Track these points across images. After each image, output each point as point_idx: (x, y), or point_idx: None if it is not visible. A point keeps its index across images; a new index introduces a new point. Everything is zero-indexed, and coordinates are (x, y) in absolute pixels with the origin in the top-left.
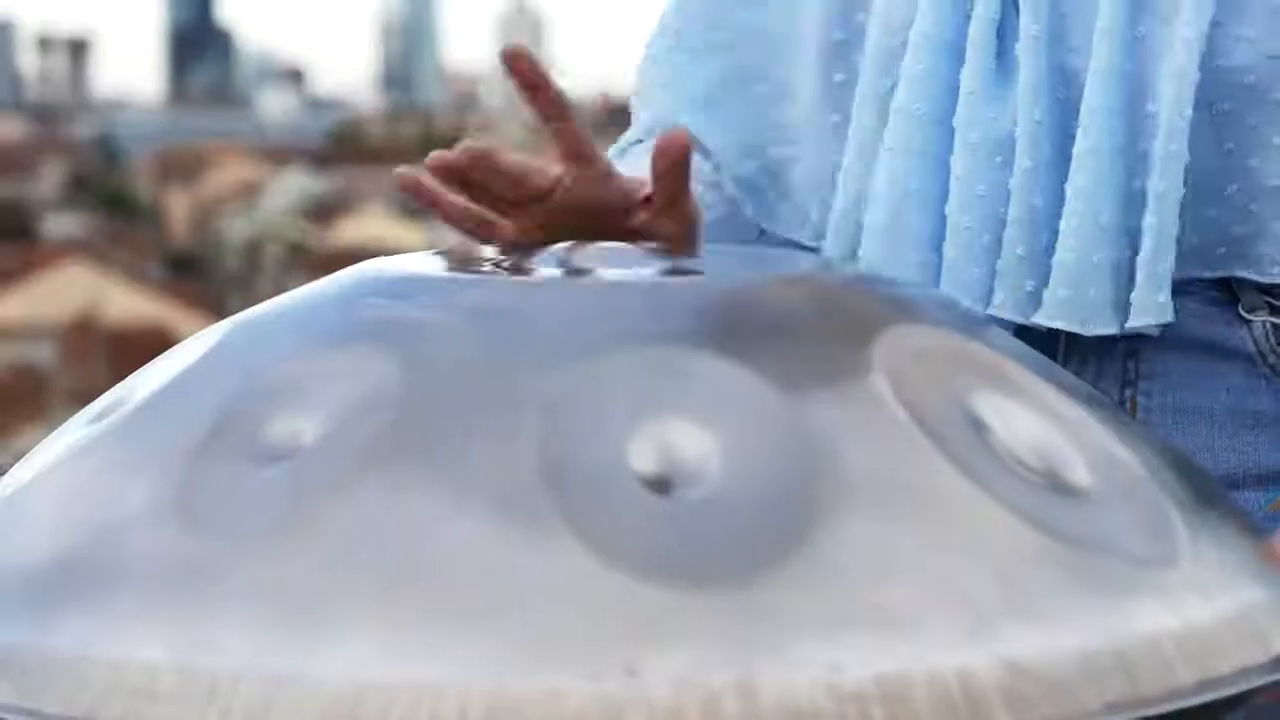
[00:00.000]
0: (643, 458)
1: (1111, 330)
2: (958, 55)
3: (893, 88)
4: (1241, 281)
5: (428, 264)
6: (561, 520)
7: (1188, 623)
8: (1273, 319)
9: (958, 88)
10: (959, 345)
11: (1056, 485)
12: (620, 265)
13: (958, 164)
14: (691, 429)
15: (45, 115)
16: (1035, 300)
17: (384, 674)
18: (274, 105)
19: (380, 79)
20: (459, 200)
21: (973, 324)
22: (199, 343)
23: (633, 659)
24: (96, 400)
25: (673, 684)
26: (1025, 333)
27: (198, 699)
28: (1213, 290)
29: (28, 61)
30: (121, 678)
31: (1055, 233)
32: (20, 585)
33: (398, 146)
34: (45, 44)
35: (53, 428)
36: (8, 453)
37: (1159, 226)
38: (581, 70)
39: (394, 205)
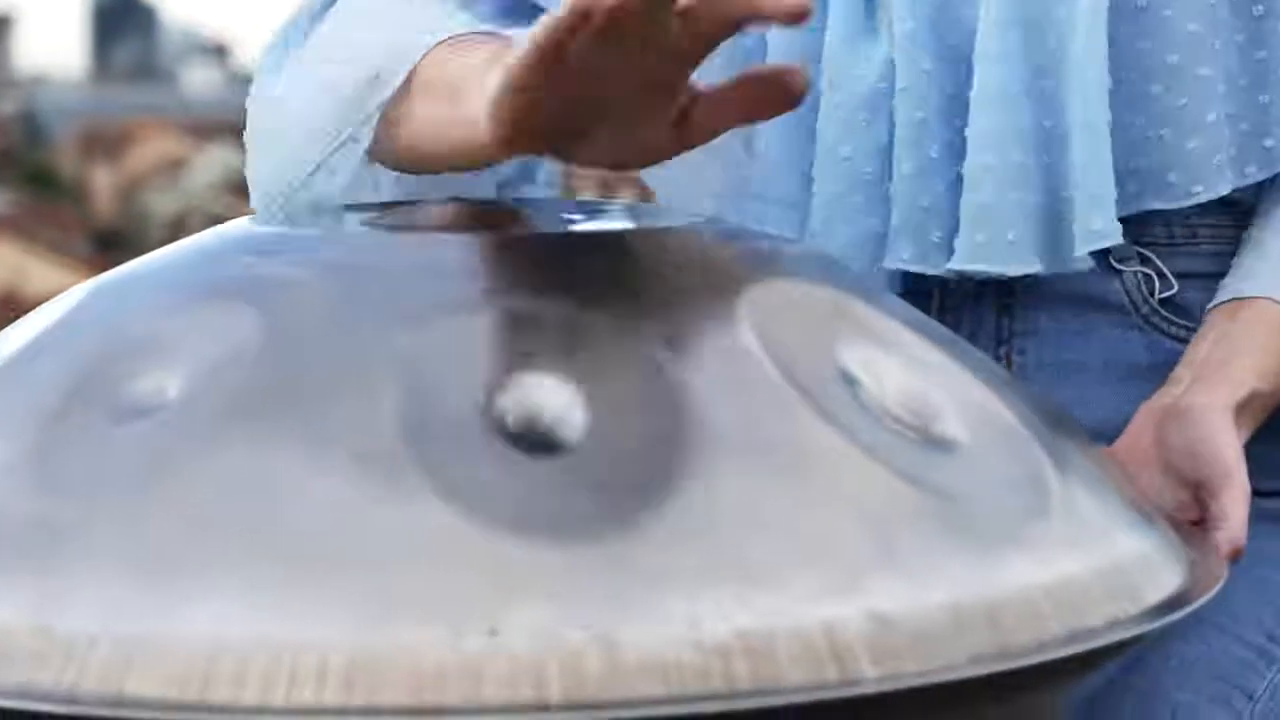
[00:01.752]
0: (505, 413)
1: (1035, 269)
2: (823, 10)
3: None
4: (1124, 222)
5: (293, 222)
6: (422, 476)
7: (1058, 575)
8: (1143, 269)
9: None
10: (829, 298)
11: (927, 438)
12: (487, 220)
13: (824, 126)
14: (554, 383)
15: None
16: (945, 249)
17: (243, 633)
18: (198, 80)
19: None
20: None
21: (843, 278)
22: (59, 304)
23: (493, 616)
24: None
25: (533, 640)
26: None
27: (54, 661)
28: None
29: None
30: None
31: (952, 180)
32: None
33: None
34: None
35: None
36: None
37: (1090, 152)
38: None
39: None
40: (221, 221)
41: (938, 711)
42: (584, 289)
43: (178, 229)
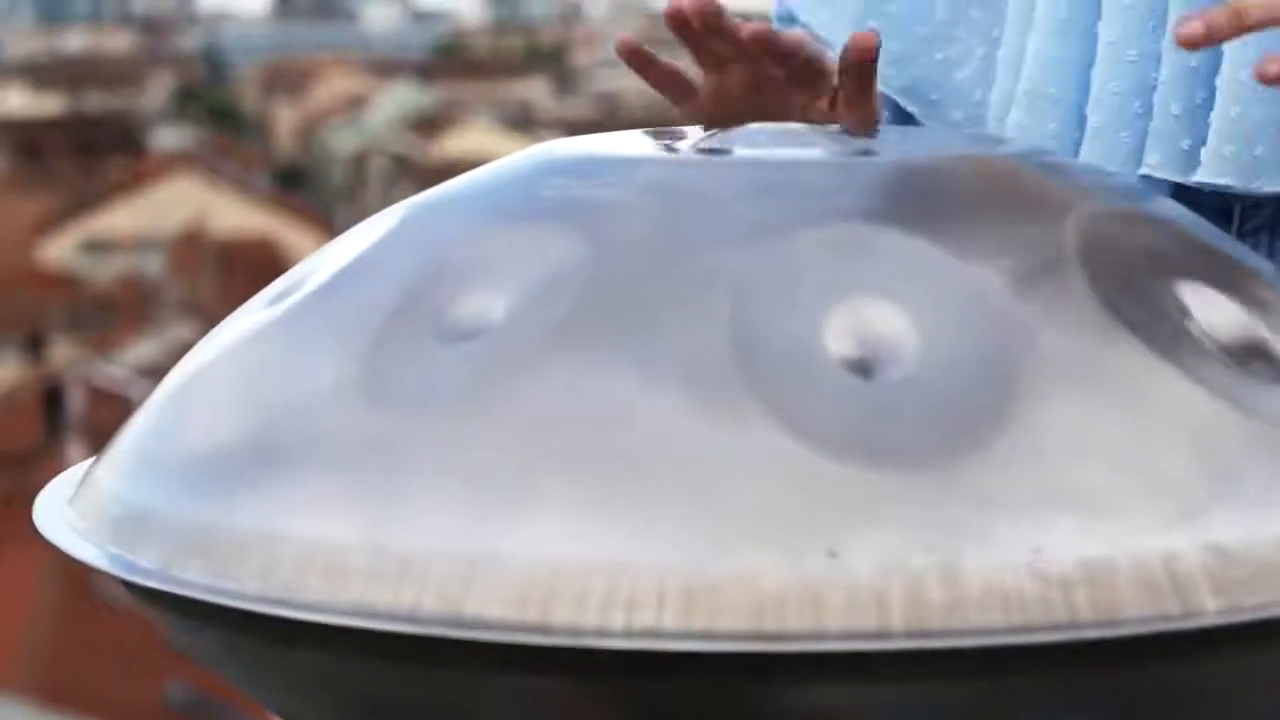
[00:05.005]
0: (837, 337)
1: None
2: None
3: None
4: None
5: (606, 144)
6: (756, 400)
7: None
8: None
9: None
10: (1151, 225)
11: (1258, 369)
12: (797, 144)
13: (1109, 29)
14: (885, 308)
15: (152, 28)
16: (1192, 159)
17: (580, 554)
18: (379, 18)
19: None
20: (667, 66)
21: (1158, 206)
22: (377, 224)
23: (833, 540)
24: (273, 283)
25: (875, 566)
26: (1196, 208)
27: (392, 578)
28: None
29: None
30: (314, 556)
31: (1210, 91)
32: (208, 465)
33: (502, 60)
34: None
35: (162, 339)
36: (117, 363)
37: None
38: None
39: (498, 118)
40: (401, 159)
41: (1274, 646)
42: (908, 213)
43: (359, 166)
